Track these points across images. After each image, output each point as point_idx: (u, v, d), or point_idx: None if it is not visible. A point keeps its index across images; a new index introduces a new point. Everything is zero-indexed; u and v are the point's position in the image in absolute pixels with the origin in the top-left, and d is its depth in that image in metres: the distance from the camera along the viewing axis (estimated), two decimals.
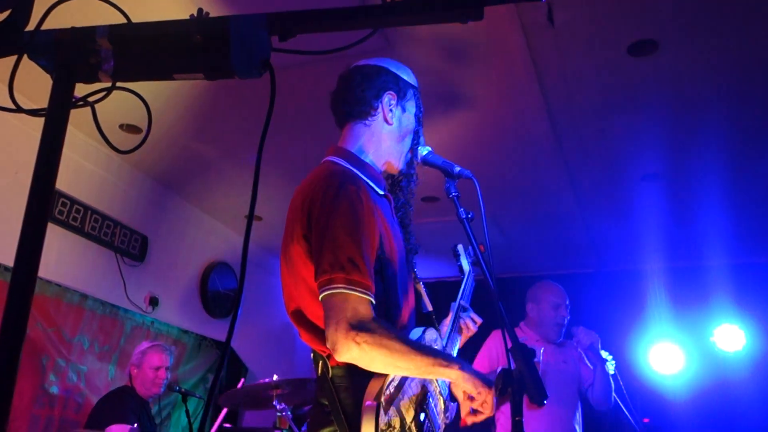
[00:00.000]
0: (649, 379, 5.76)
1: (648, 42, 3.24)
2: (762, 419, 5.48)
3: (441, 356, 1.68)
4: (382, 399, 1.61)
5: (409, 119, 1.98)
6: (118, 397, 3.95)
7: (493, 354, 3.65)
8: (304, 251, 1.72)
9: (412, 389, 1.75)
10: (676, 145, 4.32)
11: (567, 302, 3.83)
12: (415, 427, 1.69)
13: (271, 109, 1.21)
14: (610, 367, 4.85)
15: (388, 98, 1.94)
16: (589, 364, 3.78)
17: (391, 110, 1.94)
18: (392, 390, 1.65)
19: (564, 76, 3.56)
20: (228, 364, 5.88)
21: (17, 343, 0.94)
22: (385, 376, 1.66)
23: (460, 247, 2.37)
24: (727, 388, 5.69)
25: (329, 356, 1.72)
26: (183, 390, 4.37)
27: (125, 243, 4.76)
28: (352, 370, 1.69)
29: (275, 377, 3.79)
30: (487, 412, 1.62)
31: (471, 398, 1.67)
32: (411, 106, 1.99)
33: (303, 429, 3.86)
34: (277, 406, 3.70)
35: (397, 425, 1.64)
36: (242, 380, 4.81)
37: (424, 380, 1.80)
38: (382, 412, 1.58)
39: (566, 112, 3.93)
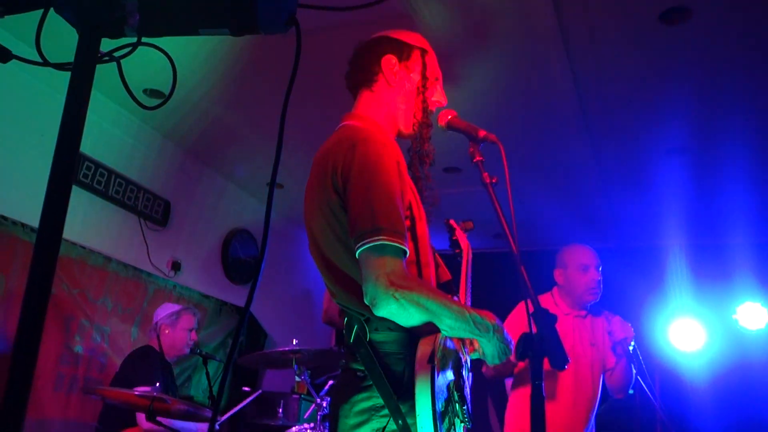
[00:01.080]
0: (669, 357, 5.73)
1: (681, 9, 3.17)
2: None
3: (475, 315, 1.67)
4: (435, 362, 1.59)
5: (414, 79, 1.97)
6: (144, 356, 4.00)
7: (519, 324, 3.29)
8: (337, 208, 1.71)
9: (452, 353, 1.75)
10: (703, 119, 4.25)
11: (598, 263, 3.45)
12: (456, 390, 1.70)
13: (297, 65, 1.21)
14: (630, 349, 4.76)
15: (387, 60, 1.95)
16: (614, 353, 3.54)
17: (393, 73, 1.94)
18: (441, 354, 1.64)
19: (593, 44, 3.50)
20: (248, 330, 5.95)
21: (43, 302, 0.95)
22: (434, 339, 1.65)
23: (452, 222, 2.35)
24: (748, 367, 5.65)
25: (368, 319, 1.70)
26: (204, 353, 4.43)
27: (148, 207, 4.80)
28: (396, 334, 1.69)
29: (294, 341, 3.82)
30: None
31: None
32: (416, 66, 1.98)
33: (321, 394, 3.90)
34: (297, 372, 3.73)
35: (444, 388, 1.64)
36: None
37: (458, 343, 1.80)
38: (435, 374, 1.57)
39: (593, 83, 3.88)
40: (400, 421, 1.59)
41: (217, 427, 3.64)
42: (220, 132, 4.83)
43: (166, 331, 4.09)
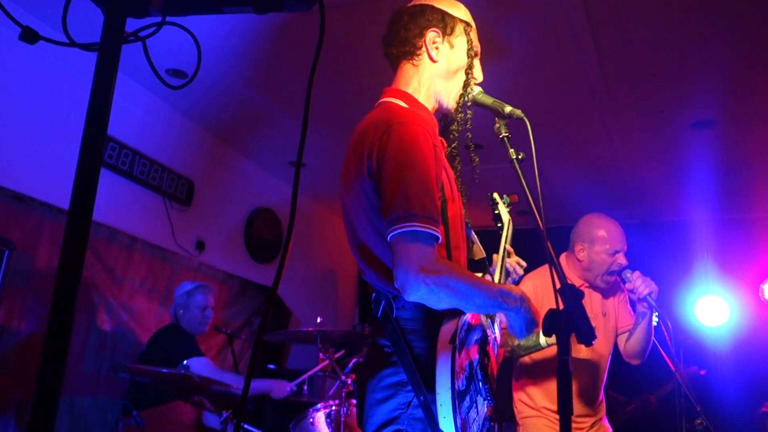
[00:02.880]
0: (695, 331, 5.70)
1: None
2: None
3: (503, 290, 1.70)
4: (457, 341, 1.61)
5: (458, 55, 1.92)
6: (173, 332, 4.09)
7: (539, 295, 3.19)
8: (370, 190, 1.71)
9: (477, 332, 1.76)
10: (730, 90, 4.17)
11: (625, 247, 3.26)
12: (480, 369, 1.71)
13: (321, 43, 1.20)
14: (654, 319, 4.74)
15: (432, 35, 1.90)
16: (630, 311, 3.40)
17: (436, 48, 1.90)
18: (464, 333, 1.65)
19: (617, 13, 3.44)
20: (266, 306, 6.00)
21: (74, 284, 0.96)
22: (458, 318, 1.66)
23: (495, 195, 2.34)
24: None
25: (395, 297, 1.72)
26: (229, 332, 4.48)
27: (172, 188, 4.84)
28: (421, 312, 1.70)
29: (319, 319, 3.85)
30: None
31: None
32: (461, 42, 1.93)
33: (346, 371, 3.94)
34: (321, 349, 3.77)
35: (466, 367, 1.65)
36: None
37: (486, 323, 1.81)
38: (456, 353, 1.59)
39: (617, 54, 3.81)
40: (421, 397, 1.61)
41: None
42: (242, 111, 4.84)
43: (181, 311, 4.17)
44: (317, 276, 6.83)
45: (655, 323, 3.79)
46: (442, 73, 1.91)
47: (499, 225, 2.23)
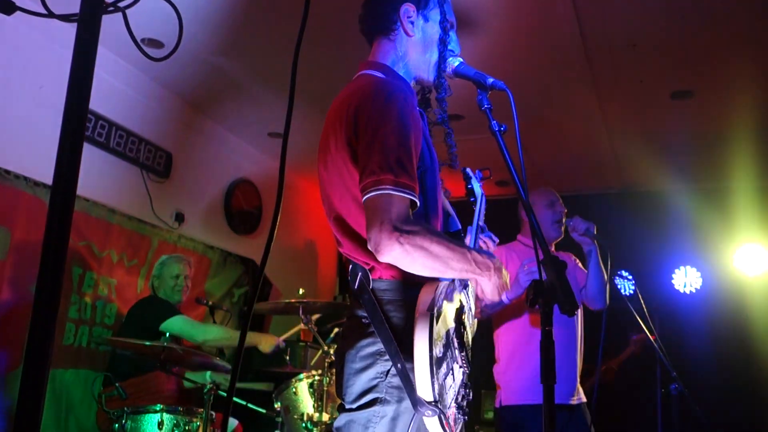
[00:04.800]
0: (671, 299, 5.80)
1: None
2: None
3: (476, 255, 1.72)
4: (435, 310, 1.63)
5: (432, 28, 1.95)
6: (148, 302, 4.12)
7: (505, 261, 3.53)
8: (349, 158, 1.72)
9: (454, 302, 1.78)
10: (708, 61, 4.21)
11: (560, 200, 3.72)
12: (456, 338, 1.74)
13: (306, 18, 1.19)
14: (629, 286, 4.88)
15: (406, 9, 1.92)
16: (583, 268, 3.71)
17: (411, 22, 1.92)
18: (441, 302, 1.67)
19: None
20: (253, 280, 6.00)
21: (60, 259, 0.96)
22: (435, 287, 1.69)
23: (469, 170, 2.36)
24: (745, 310, 5.73)
25: (372, 269, 1.74)
26: (210, 303, 4.48)
27: (150, 159, 4.79)
28: (398, 283, 1.73)
29: (301, 291, 3.87)
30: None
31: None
32: (435, 14, 1.96)
33: (328, 341, 3.97)
34: (303, 320, 3.79)
35: (443, 335, 1.68)
36: None
37: (460, 292, 1.84)
38: (434, 322, 1.61)
39: (597, 24, 3.82)
40: (399, 365, 1.63)
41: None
42: (220, 81, 4.78)
43: (156, 282, 4.22)
44: (298, 248, 6.83)
45: (631, 291, 3.95)
46: (418, 46, 1.94)
47: (472, 200, 2.24)
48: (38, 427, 0.89)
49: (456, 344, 1.74)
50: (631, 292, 5.20)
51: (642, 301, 3.89)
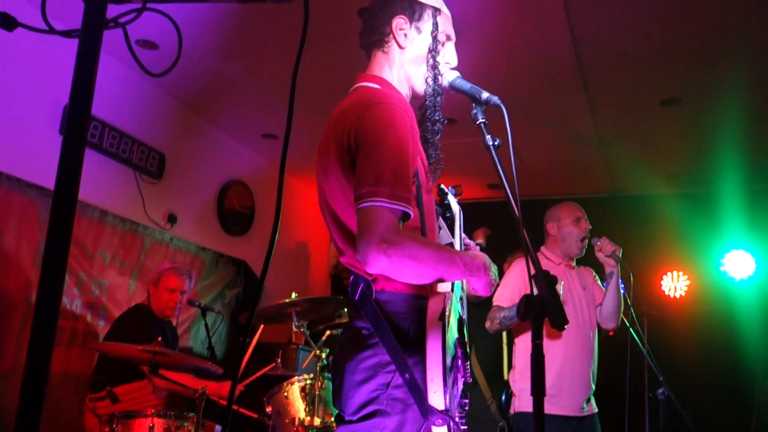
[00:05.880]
0: (659, 303, 5.85)
1: None
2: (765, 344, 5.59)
3: (464, 257, 1.73)
4: (446, 319, 1.64)
5: (425, 40, 1.95)
6: (135, 316, 3.99)
7: (520, 281, 3.55)
8: (349, 169, 1.73)
9: (455, 313, 1.80)
10: (696, 71, 4.26)
11: (585, 215, 3.77)
12: (460, 347, 1.76)
13: (305, 34, 1.21)
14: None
15: (399, 22, 1.93)
16: (602, 286, 3.76)
17: (404, 34, 1.93)
18: (449, 311, 1.69)
19: None
20: (245, 282, 6.01)
21: (61, 266, 0.97)
22: (443, 297, 1.69)
23: (443, 186, 2.38)
24: (733, 314, 5.79)
25: (375, 280, 1.74)
26: (202, 305, 4.48)
27: (143, 160, 4.79)
28: (401, 294, 1.73)
29: (294, 295, 3.88)
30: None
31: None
32: (428, 26, 1.96)
33: (319, 344, 3.98)
34: (295, 323, 3.80)
35: (451, 344, 1.70)
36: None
37: (458, 302, 1.85)
38: (446, 330, 1.62)
39: (590, 31, 3.86)
40: (407, 375, 1.63)
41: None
42: (214, 82, 4.79)
43: (152, 290, 4.10)
44: (290, 249, 6.84)
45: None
46: (411, 58, 1.94)
47: (449, 215, 2.26)
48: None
49: (459, 353, 1.76)
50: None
51: (630, 305, 3.93)
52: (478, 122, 1.73)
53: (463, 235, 2.18)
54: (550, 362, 3.46)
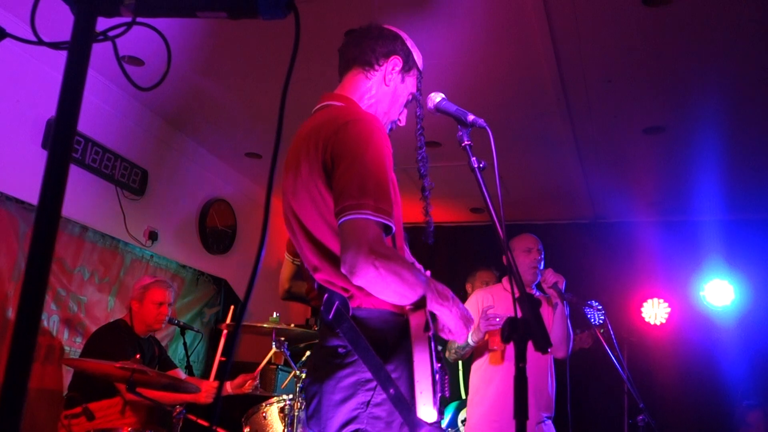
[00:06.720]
0: (639, 330, 5.88)
1: None
2: (744, 372, 5.63)
3: (437, 285, 1.74)
4: (431, 333, 1.65)
5: (404, 91, 2.03)
6: (112, 332, 3.87)
7: (474, 312, 3.62)
8: (323, 188, 1.73)
9: (432, 328, 1.80)
10: (679, 100, 4.32)
11: (540, 247, 3.87)
12: (437, 361, 1.76)
13: (295, 52, 1.21)
14: (599, 317, 4.99)
15: (395, 60, 1.99)
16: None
17: (393, 73, 1.99)
18: (431, 325, 1.70)
19: (575, 19, 3.52)
20: (225, 300, 5.96)
21: (42, 281, 0.96)
22: (424, 312, 1.70)
23: None
24: (712, 342, 5.82)
25: (351, 296, 1.73)
26: (181, 323, 4.42)
27: (125, 176, 4.75)
28: (379, 310, 1.73)
29: (275, 314, 3.85)
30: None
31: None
32: (410, 82, 2.04)
33: (298, 365, 3.95)
34: (275, 343, 3.77)
35: (434, 358, 1.71)
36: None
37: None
38: (432, 343, 1.63)
39: (574, 59, 3.90)
40: (392, 390, 1.62)
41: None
42: (197, 100, 4.78)
43: (135, 306, 3.97)
44: (272, 268, 6.80)
45: (601, 321, 4.13)
46: (387, 98, 2.00)
47: None
48: None
49: (437, 368, 1.76)
50: (601, 321, 5.26)
51: (611, 331, 3.95)
52: (463, 144, 1.74)
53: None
54: (494, 392, 3.56)
